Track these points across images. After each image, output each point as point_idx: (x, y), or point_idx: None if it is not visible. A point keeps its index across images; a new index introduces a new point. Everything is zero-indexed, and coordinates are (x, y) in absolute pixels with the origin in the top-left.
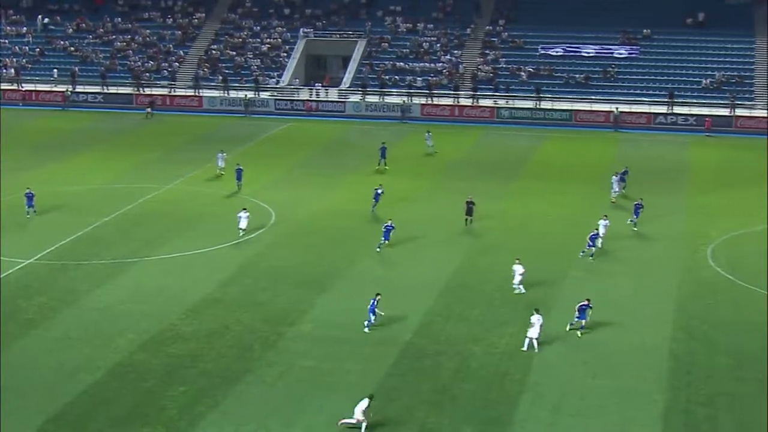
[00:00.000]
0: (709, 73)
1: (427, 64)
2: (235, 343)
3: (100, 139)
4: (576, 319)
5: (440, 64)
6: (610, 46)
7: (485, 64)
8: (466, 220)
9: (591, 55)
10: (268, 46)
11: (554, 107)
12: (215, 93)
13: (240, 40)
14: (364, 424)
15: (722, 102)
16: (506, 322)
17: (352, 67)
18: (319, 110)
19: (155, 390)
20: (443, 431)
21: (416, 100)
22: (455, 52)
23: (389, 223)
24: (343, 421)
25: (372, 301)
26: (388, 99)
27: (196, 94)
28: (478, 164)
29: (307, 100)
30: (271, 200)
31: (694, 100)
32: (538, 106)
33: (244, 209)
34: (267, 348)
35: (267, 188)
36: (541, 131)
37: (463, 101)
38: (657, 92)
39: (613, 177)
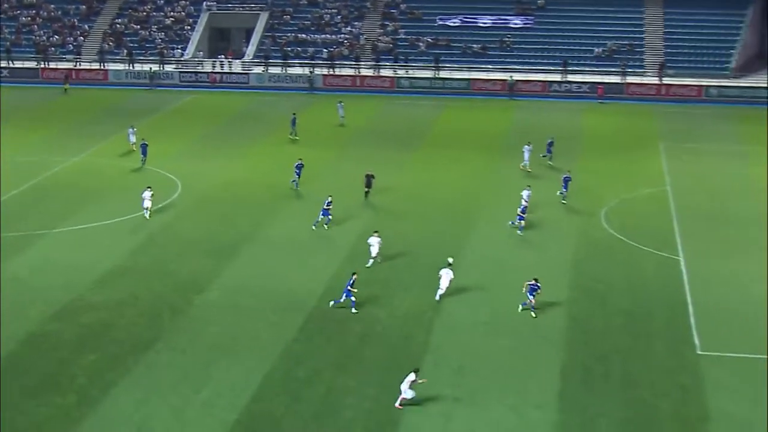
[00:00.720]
0: (601, 42)
1: (328, 36)
2: (144, 312)
3: (6, 113)
4: (528, 300)
5: (341, 35)
6: (506, 17)
7: (385, 35)
8: (366, 192)
9: (487, 25)
10: (172, 19)
11: (452, 76)
12: (120, 66)
13: (144, 13)
14: (411, 394)
15: (614, 70)
16: (409, 286)
17: (255, 39)
18: (223, 82)
19: (67, 359)
20: (349, 393)
21: (318, 71)
22: (356, 23)
23: (329, 199)
24: (401, 400)
25: (349, 280)
26: (291, 70)
27: (102, 67)
28: (381, 133)
29: (211, 72)
30: (177, 171)
31: (587, 68)
32: (436, 76)
33: (148, 188)
34: (176, 315)
35: (173, 159)
36: (440, 100)
37: (364, 72)
38: (551, 61)
39: (525, 146)
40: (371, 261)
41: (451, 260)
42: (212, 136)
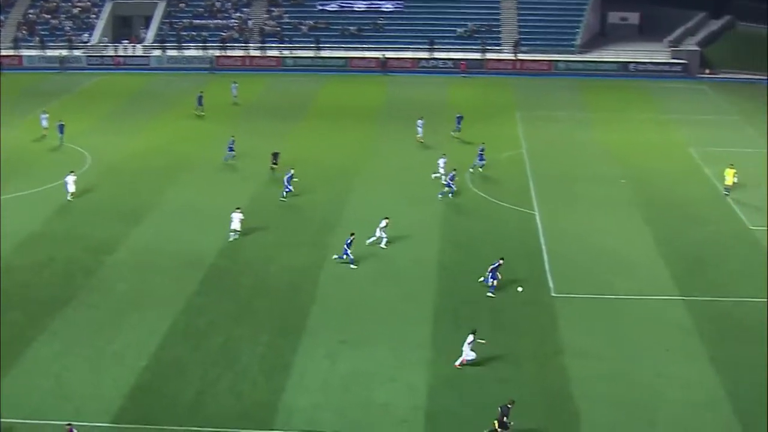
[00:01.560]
0: (463, 23)
1: (220, 21)
2: (60, 272)
3: None
4: (490, 279)
5: (231, 20)
6: (379, 2)
7: (271, 19)
8: (272, 167)
9: (362, 9)
10: (79, 8)
11: (332, 55)
12: (34, 52)
13: (54, 4)
14: (472, 355)
15: (474, 47)
16: (297, 243)
17: (154, 25)
18: (127, 64)
19: None
20: (244, 341)
21: (212, 53)
22: (244, 9)
23: (290, 173)
24: (461, 360)
25: (347, 240)
26: (187, 53)
27: (17, 53)
28: (269, 108)
29: (115, 56)
30: (86, 145)
31: (451, 47)
32: (317, 55)
33: (72, 172)
34: (89, 275)
35: (83, 135)
36: (321, 77)
37: (253, 53)
38: (419, 40)
39: (418, 120)
40: (232, 235)
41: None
42: (118, 113)
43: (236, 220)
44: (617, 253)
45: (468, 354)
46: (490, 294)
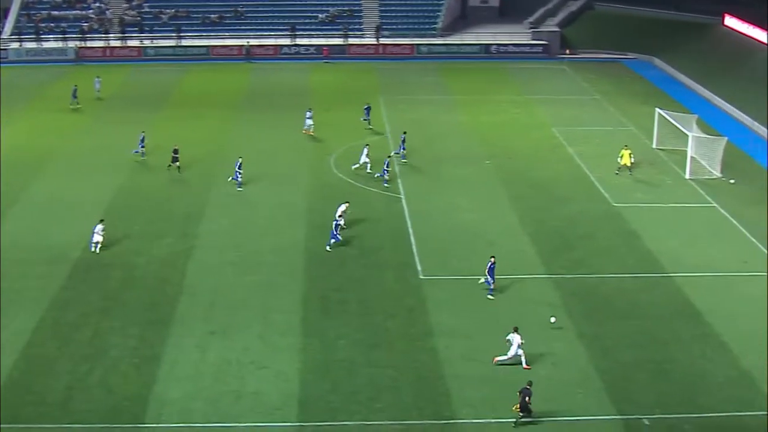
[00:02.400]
0: (324, 8)
1: (79, 12)
2: None
3: None
4: (490, 281)
5: (90, 11)
6: None
7: (131, 9)
8: (174, 166)
9: None
10: None
11: (193, 44)
12: None
13: None
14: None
15: (337, 33)
16: (163, 234)
17: (12, 17)
18: None
19: None
20: (114, 333)
21: (72, 44)
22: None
23: (239, 161)
24: (498, 358)
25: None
26: (47, 45)
27: None
28: (131, 97)
29: None
30: None
31: (313, 32)
32: (179, 44)
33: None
34: None
35: None
36: (183, 66)
37: (114, 43)
38: (281, 26)
39: (306, 112)
40: (93, 246)
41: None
42: None
43: (98, 233)
44: (484, 234)
45: (517, 351)
46: (489, 296)
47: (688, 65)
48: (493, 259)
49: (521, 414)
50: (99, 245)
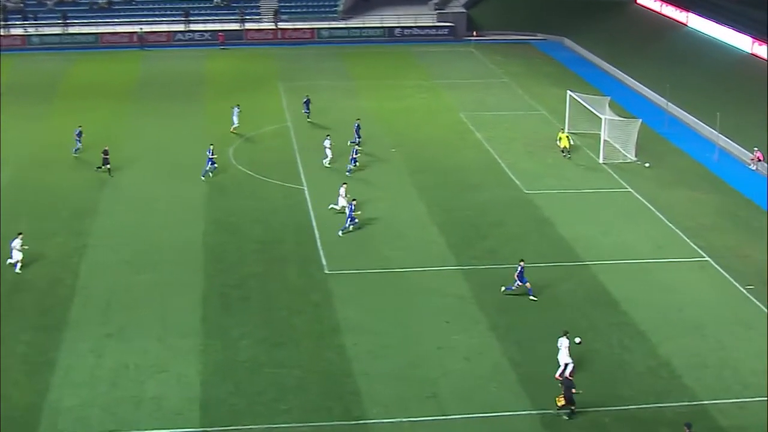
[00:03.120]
0: None
1: None
2: None
3: None
4: (518, 285)
5: None
6: None
7: None
8: (104, 168)
9: None
10: None
11: (81, 32)
12: None
13: None
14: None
15: (233, 18)
16: (54, 233)
17: None
18: None
19: None
20: (4, 340)
21: None
22: None
23: (210, 148)
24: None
25: (350, 206)
26: None
27: None
28: (15, 90)
29: None
30: None
31: (208, 18)
32: (65, 32)
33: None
34: None
35: None
36: (70, 55)
37: None
38: (174, 12)
39: (234, 108)
40: (17, 266)
41: None
42: None
43: (17, 250)
44: (391, 225)
45: (566, 359)
46: (532, 297)
47: (599, 45)
48: (522, 264)
49: (571, 408)
50: (19, 263)
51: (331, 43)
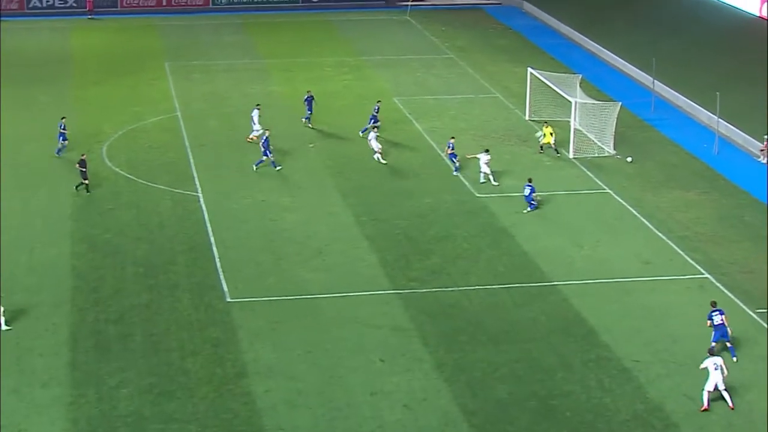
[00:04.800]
0: None
1: None
2: None
3: None
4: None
5: None
6: None
7: None
8: (84, 185)
9: None
10: None
11: None
12: None
13: None
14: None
15: None
16: None
17: None
18: None
19: None
20: None
21: None
22: None
23: (62, 122)
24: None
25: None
26: None
27: None
28: None
29: None
30: None
31: None
32: None
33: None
34: None
35: None
36: None
37: None
38: None
39: (254, 110)
40: None
41: None
42: None
43: None
44: (309, 240)
45: (717, 383)
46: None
47: (567, 10)
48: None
49: None
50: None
51: (231, 11)
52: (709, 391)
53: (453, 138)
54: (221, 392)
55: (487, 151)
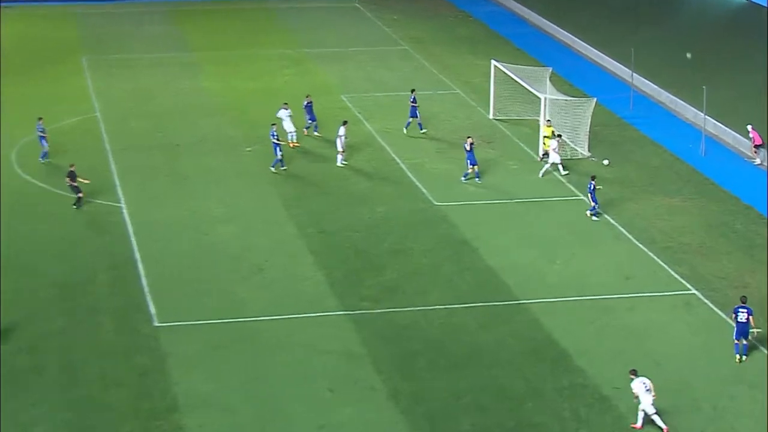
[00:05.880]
0: None
1: None
2: None
3: None
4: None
5: None
6: None
7: None
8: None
9: None
10: None
11: None
12: None
13: None
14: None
15: None
16: None
17: None
18: None
19: None
20: None
21: None
22: None
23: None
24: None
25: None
26: None
27: None
28: None
29: None
30: None
31: None
32: None
33: None
34: None
35: None
36: None
37: None
38: None
39: (284, 111)
40: None
41: None
42: None
43: None
44: (248, 255)
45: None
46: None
47: None
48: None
49: None
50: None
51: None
52: (644, 411)
53: (470, 138)
54: (149, 428)
55: (559, 136)
